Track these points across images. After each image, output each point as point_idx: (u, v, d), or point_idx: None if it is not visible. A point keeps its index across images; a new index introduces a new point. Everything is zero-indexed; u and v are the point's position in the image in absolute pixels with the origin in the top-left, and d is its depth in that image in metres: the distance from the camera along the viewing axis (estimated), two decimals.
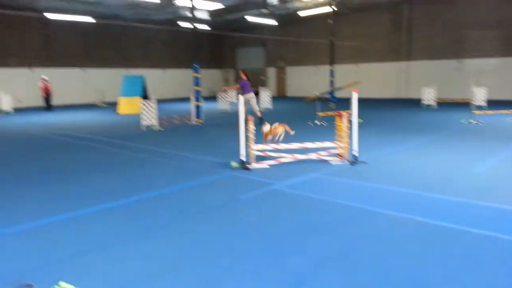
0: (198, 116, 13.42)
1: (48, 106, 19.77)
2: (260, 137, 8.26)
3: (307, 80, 27.62)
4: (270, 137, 7.55)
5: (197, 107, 13.47)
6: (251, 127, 6.78)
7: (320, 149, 7.58)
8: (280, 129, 7.77)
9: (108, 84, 25.39)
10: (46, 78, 20.09)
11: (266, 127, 7.84)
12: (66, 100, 23.82)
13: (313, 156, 7.16)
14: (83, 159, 7.81)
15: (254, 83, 29.62)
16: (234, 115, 15.62)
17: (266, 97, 17.89)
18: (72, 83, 24.40)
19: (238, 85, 11.86)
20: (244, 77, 12.27)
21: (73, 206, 5.05)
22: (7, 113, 18.09)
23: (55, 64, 23.72)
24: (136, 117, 14.88)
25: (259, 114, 12.03)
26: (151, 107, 12.15)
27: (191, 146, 8.94)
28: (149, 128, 12.02)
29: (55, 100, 22.72)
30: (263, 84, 29.85)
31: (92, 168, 7.03)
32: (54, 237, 4.30)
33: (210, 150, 8.40)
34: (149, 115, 12.11)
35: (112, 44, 25.98)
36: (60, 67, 23.87)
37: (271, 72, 30.11)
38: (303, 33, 27.27)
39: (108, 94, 24.78)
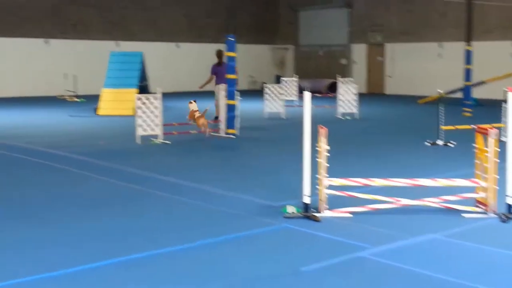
0: (229, 123, 13.47)
1: None
2: (339, 166, 7.69)
3: (423, 67, 27.29)
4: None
5: (229, 108, 13.31)
6: (323, 146, 6.71)
7: (445, 190, 7.46)
8: (201, 121, 8.41)
9: (85, 66, 26.01)
10: None
11: (193, 106, 8.04)
12: (15, 90, 24.38)
13: (432, 202, 7.10)
14: (39, 189, 8.12)
15: (328, 70, 29.67)
16: (292, 123, 16.03)
17: (349, 95, 17.69)
18: (26, 63, 25.02)
19: (211, 75, 13.89)
20: (220, 60, 14.63)
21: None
22: None
23: None
24: (128, 122, 15.22)
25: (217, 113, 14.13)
26: (153, 105, 12.34)
27: (218, 175, 9.25)
28: (148, 140, 12.32)
29: None
30: (344, 72, 29.50)
31: (53, 205, 7.25)
32: None
33: (250, 183, 8.62)
34: (149, 120, 12.27)
35: (94, 1, 26.50)
36: (6, 36, 24.54)
37: (359, 52, 30.03)
38: None
39: (84, 82, 25.22)
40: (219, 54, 16.01)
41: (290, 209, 6.76)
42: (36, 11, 25.09)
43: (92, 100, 21.31)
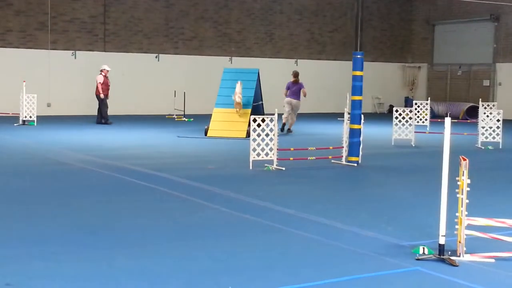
0: (352, 150, 13.35)
1: (102, 116, 21.58)
2: (479, 203, 7.44)
3: None
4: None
5: (353, 133, 13.28)
6: (464, 180, 6.51)
7: None
8: (237, 103, 8.66)
9: (196, 83, 26.81)
10: (107, 67, 21.94)
11: (238, 88, 8.37)
12: (125, 107, 25.45)
13: None
14: (150, 217, 8.37)
15: (467, 92, 28.97)
16: (423, 152, 15.97)
17: (492, 122, 17.23)
18: (137, 80, 26.08)
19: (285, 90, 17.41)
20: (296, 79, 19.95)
21: None
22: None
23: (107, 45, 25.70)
24: (240, 145, 15.65)
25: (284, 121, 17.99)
26: (268, 128, 12.59)
27: (339, 208, 9.25)
28: (262, 166, 12.49)
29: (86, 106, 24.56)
30: (486, 95, 28.47)
31: (165, 235, 7.47)
32: None
33: (376, 218, 8.52)
34: (264, 144, 12.50)
35: (207, 14, 27.51)
36: (117, 51, 25.82)
37: (506, 72, 29.04)
38: None
39: (194, 100, 25.97)
40: (296, 74, 20.58)
41: (423, 250, 6.61)
42: (149, 25, 26.36)
43: (201, 120, 21.96)
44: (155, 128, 20.59)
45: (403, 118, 17.32)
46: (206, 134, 18.27)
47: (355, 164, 13.10)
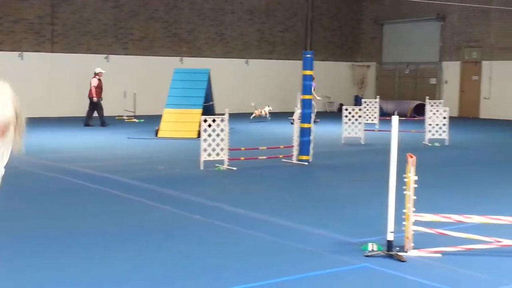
0: (302, 149, 13.40)
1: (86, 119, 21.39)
2: (427, 199, 7.57)
3: None
4: None
5: (303, 132, 13.31)
6: (411, 177, 6.61)
7: None
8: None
9: (146, 83, 26.56)
10: (101, 70, 21.82)
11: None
12: (72, 109, 25.09)
13: None
14: (101, 219, 8.28)
15: (415, 90, 29.60)
16: (373, 150, 16.07)
17: (438, 119, 17.47)
18: (84, 80, 25.76)
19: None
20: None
21: None
22: None
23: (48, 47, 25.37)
24: (191, 145, 15.46)
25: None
26: (219, 128, 12.53)
27: (290, 207, 9.26)
28: (213, 166, 12.45)
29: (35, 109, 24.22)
30: (433, 93, 29.01)
31: (114, 236, 7.41)
32: None
33: (326, 216, 8.60)
34: (215, 144, 12.46)
35: (157, 14, 27.42)
36: (65, 52, 25.57)
37: (451, 70, 29.62)
38: None
39: (144, 101, 25.78)
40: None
41: (371, 247, 6.70)
42: (98, 26, 26.00)
43: (152, 120, 21.78)
44: (105, 129, 20.34)
45: (353, 116, 17.50)
46: (156, 135, 18.15)
47: (306, 163, 13.17)
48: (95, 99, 21.06)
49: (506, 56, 27.25)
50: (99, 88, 21.17)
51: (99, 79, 21.18)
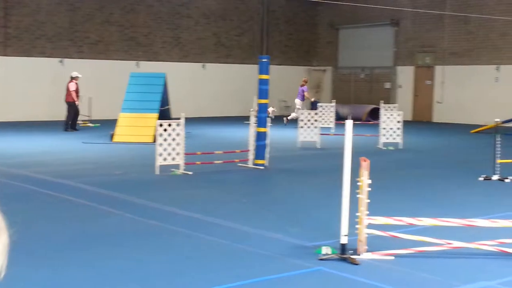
0: (258, 153, 13.41)
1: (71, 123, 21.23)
2: (380, 202, 7.65)
3: (477, 92, 27.25)
4: None
5: (259, 137, 13.36)
6: (365, 180, 6.63)
7: (502, 231, 7.40)
8: None
9: (102, 88, 26.32)
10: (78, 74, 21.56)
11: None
12: (25, 113, 24.84)
13: (487, 245, 6.99)
14: (52, 225, 8.10)
15: (370, 95, 30.14)
16: (328, 154, 16.13)
17: (392, 123, 17.70)
18: (39, 85, 25.38)
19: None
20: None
21: None
22: None
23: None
24: (147, 150, 15.35)
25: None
26: (175, 132, 12.48)
27: (246, 211, 9.25)
28: (168, 171, 12.37)
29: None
30: (388, 97, 29.46)
31: (65, 243, 7.21)
32: None
33: (281, 220, 8.58)
34: (171, 148, 12.38)
35: (113, 17, 27.19)
36: (18, 55, 25.19)
37: (405, 75, 30.06)
38: (472, 2, 27.15)
39: (99, 105, 25.54)
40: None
41: (325, 250, 6.72)
42: (53, 29, 25.61)
43: (107, 125, 21.56)
44: (59, 134, 20.04)
45: (309, 120, 17.60)
46: (112, 140, 17.95)
47: (262, 167, 13.19)
48: (77, 102, 21.10)
49: (458, 61, 27.76)
50: (77, 92, 21.06)
51: (76, 83, 21.03)
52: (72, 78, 21.17)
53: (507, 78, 25.83)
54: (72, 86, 21.04)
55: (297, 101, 24.73)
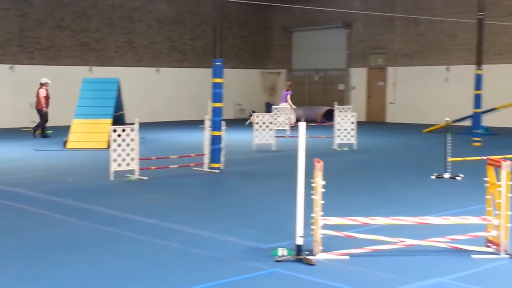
0: (214, 157, 13.40)
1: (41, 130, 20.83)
2: (335, 203, 7.71)
3: (428, 93, 27.64)
4: None
5: (214, 140, 13.33)
6: (319, 181, 6.66)
7: (454, 228, 7.52)
8: None
9: (54, 94, 25.78)
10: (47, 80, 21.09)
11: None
12: None
13: (439, 242, 7.12)
14: (2, 234, 8.00)
15: (324, 96, 30.23)
16: (284, 156, 16.17)
17: (347, 124, 17.81)
18: None
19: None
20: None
21: None
22: None
23: None
24: (101, 156, 15.17)
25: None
26: (129, 138, 12.37)
27: (201, 215, 9.25)
28: (123, 176, 12.26)
29: None
30: (342, 99, 29.83)
31: (18, 252, 7.14)
32: None
33: (237, 224, 8.61)
34: (125, 153, 12.28)
35: (64, 22, 26.77)
36: None
37: (358, 76, 30.32)
38: (422, 4, 27.55)
39: (52, 111, 24.89)
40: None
41: (281, 252, 6.73)
42: (2, 34, 25.10)
43: (60, 132, 21.24)
44: (10, 141, 19.63)
45: (264, 123, 17.63)
46: (65, 146, 17.68)
47: (217, 171, 13.16)
48: (44, 109, 20.76)
49: (409, 62, 28.19)
50: (47, 98, 20.68)
51: (46, 89, 20.64)
52: (42, 84, 20.79)
53: (456, 78, 26.29)
54: (42, 93, 20.67)
55: (284, 105, 24.25)
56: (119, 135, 12.25)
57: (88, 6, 27.09)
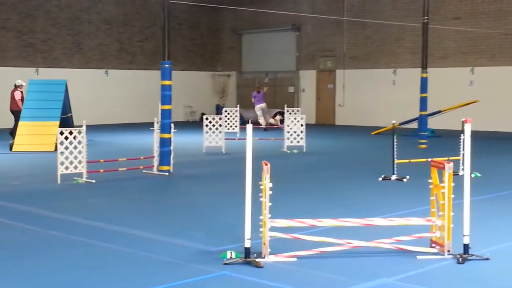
0: (163, 160, 13.33)
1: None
2: (284, 205, 7.76)
3: (376, 95, 27.97)
4: None
5: (163, 143, 13.23)
6: (267, 183, 6.70)
7: (399, 229, 7.59)
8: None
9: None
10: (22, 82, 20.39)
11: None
12: None
13: (385, 243, 7.16)
14: None
15: (274, 99, 30.56)
16: (233, 159, 16.18)
17: (296, 127, 17.87)
18: None
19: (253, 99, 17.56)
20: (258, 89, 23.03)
21: None
22: None
23: None
24: (48, 158, 14.96)
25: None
26: (77, 140, 12.27)
27: (150, 218, 9.19)
28: (71, 180, 12.13)
29: None
30: (291, 101, 29.84)
31: None
32: None
33: (186, 226, 8.57)
34: (73, 156, 12.13)
35: (9, 23, 26.22)
36: None
37: (308, 79, 30.47)
38: (369, 8, 27.89)
39: None
40: (259, 85, 26.23)
41: (230, 255, 6.74)
42: None
43: (5, 134, 20.84)
44: None
45: (213, 125, 17.61)
46: (11, 149, 17.33)
47: (167, 173, 13.12)
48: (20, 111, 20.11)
49: (357, 65, 28.52)
50: (22, 100, 20.12)
51: (21, 91, 20.09)
52: (17, 87, 20.23)
53: (403, 81, 26.73)
54: (17, 95, 20.09)
55: (261, 106, 24.78)
56: (66, 138, 12.09)
57: (33, 7, 26.62)
